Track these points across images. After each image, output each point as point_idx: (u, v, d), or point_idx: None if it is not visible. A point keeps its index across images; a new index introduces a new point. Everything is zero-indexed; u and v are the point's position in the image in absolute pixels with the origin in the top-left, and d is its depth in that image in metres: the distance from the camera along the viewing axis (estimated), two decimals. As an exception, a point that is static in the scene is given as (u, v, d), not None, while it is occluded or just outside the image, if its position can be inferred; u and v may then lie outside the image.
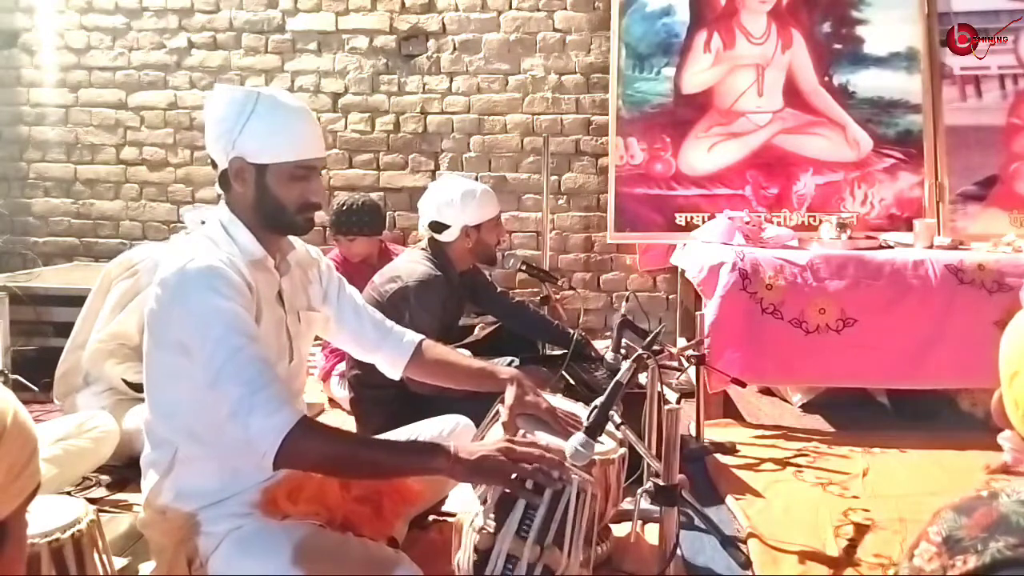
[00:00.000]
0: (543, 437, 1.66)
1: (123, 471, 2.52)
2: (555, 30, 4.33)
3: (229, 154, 1.52)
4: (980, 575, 0.67)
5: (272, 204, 1.55)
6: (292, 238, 1.69)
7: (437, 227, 2.61)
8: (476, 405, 1.88)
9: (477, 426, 1.89)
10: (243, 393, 1.35)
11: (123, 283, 2.79)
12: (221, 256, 1.47)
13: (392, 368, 1.87)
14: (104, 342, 2.67)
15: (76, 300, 2.92)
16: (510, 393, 1.72)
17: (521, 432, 1.67)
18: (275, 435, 1.33)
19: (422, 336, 1.89)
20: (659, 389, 2.17)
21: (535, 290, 3.80)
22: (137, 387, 2.52)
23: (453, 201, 2.58)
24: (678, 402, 2.92)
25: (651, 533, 2.10)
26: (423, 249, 2.68)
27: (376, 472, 1.47)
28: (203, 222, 2.67)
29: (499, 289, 3.08)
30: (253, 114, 1.51)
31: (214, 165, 1.60)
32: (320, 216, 1.95)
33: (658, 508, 1.66)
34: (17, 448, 0.78)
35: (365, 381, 2.49)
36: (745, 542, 2.18)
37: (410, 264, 2.58)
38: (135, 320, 2.67)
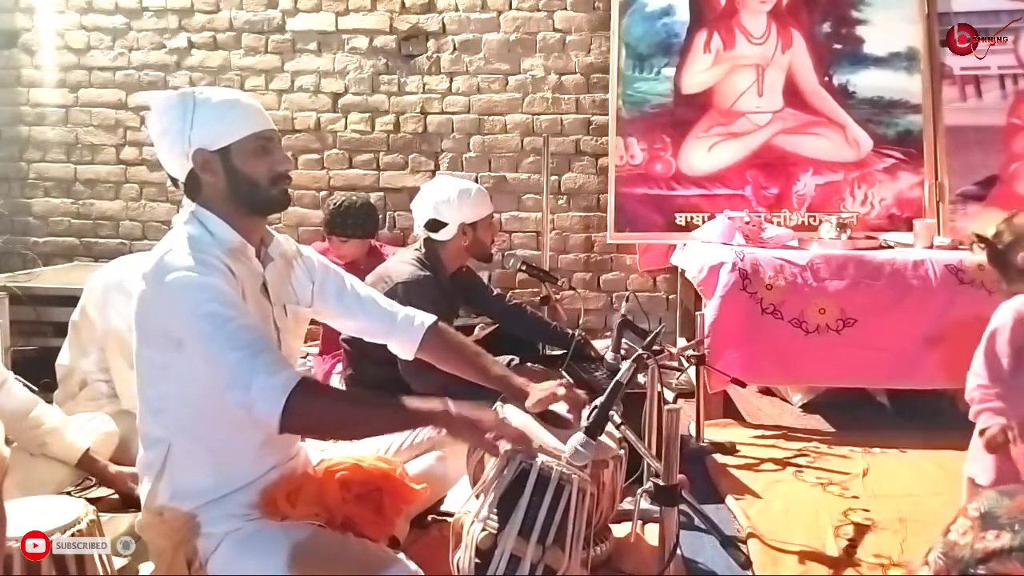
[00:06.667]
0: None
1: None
2: (555, 30, 4.32)
3: (188, 153, 1.52)
4: (1009, 551, 0.68)
5: (245, 184, 1.54)
6: (277, 235, 1.69)
7: (434, 226, 2.62)
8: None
9: None
10: (242, 357, 1.34)
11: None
12: (197, 244, 1.48)
13: (404, 352, 1.87)
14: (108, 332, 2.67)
15: (76, 300, 2.90)
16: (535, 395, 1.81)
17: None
18: (279, 394, 1.32)
19: (434, 318, 1.88)
20: (659, 389, 2.17)
21: (535, 290, 3.80)
22: None
23: (450, 199, 2.59)
24: (675, 401, 2.93)
25: (651, 533, 2.10)
26: (416, 249, 2.68)
27: (382, 427, 1.54)
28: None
29: (495, 291, 3.08)
30: (196, 107, 1.52)
31: (174, 182, 1.59)
32: (318, 217, 1.95)
33: (658, 508, 1.66)
34: None
35: (360, 381, 2.51)
36: (745, 542, 2.19)
37: (400, 265, 2.59)
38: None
